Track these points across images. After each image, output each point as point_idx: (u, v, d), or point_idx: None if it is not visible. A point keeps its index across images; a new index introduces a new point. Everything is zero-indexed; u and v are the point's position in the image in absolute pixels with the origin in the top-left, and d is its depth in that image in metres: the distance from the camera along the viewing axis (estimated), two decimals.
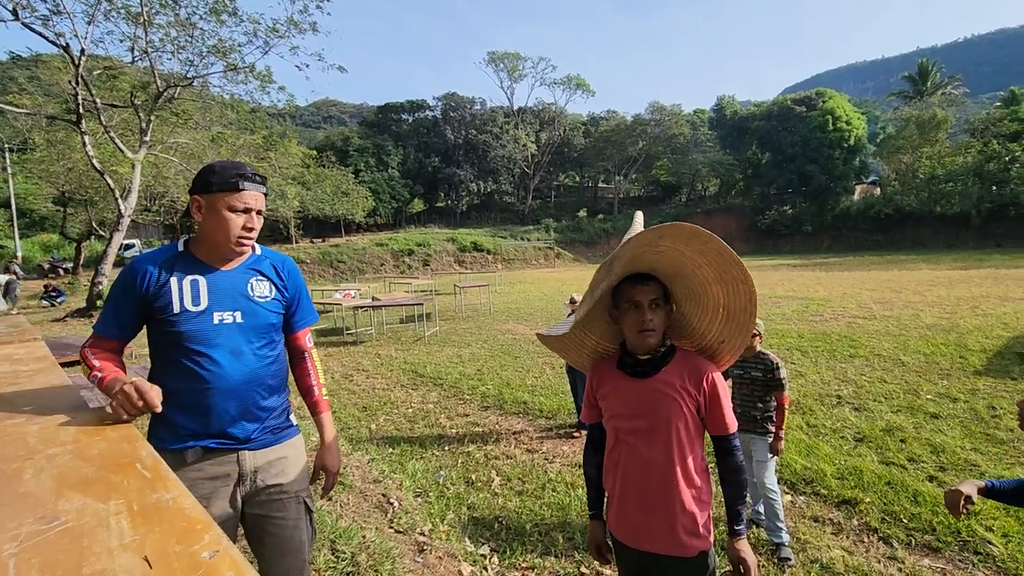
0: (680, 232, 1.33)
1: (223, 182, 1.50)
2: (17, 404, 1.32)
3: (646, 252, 1.43)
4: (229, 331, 1.54)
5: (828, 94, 41.96)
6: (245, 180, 1.51)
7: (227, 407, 1.53)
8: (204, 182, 1.51)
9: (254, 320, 1.58)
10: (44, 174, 20.19)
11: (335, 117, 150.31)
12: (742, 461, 1.52)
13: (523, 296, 17.10)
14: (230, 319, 1.54)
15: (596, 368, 1.69)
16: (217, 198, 1.50)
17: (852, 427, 4.61)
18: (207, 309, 1.52)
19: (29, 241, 30.95)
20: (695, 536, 1.50)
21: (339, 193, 33.13)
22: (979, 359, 6.57)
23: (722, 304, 1.45)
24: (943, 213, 33.43)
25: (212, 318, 1.52)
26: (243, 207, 1.52)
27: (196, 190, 1.53)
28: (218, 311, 1.53)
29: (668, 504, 1.51)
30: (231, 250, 1.56)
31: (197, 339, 1.50)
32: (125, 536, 0.70)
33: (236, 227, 1.52)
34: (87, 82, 12.87)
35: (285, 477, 1.64)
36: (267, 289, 1.63)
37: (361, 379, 7.14)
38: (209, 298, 1.53)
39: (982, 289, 12.99)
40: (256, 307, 1.59)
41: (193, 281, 1.53)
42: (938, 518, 3.10)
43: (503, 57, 50.14)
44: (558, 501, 3.50)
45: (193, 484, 1.48)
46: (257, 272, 1.63)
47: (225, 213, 1.50)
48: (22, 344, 2.24)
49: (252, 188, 1.53)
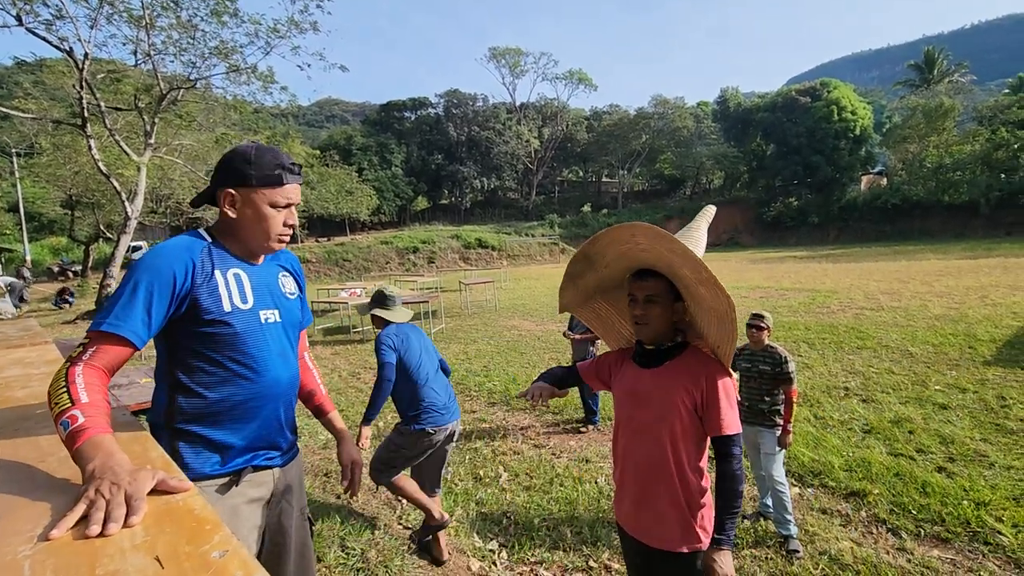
0: (647, 232, 1.36)
1: (265, 176, 1.32)
2: (29, 407, 1.33)
3: (631, 250, 1.48)
4: (275, 330, 1.41)
5: (833, 84, 41.48)
6: (288, 173, 1.35)
7: (276, 415, 1.42)
8: (240, 175, 1.31)
9: (289, 318, 1.47)
10: (51, 178, 20.35)
11: (338, 116, 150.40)
12: (738, 470, 1.46)
13: (528, 292, 17.10)
14: (273, 318, 1.41)
15: (621, 352, 1.77)
16: (257, 193, 1.32)
17: (860, 419, 4.59)
18: (253, 307, 1.36)
19: (38, 245, 31.27)
20: (685, 533, 1.50)
21: (343, 192, 33.18)
22: (988, 349, 6.52)
23: (711, 306, 1.42)
24: (951, 202, 33.03)
25: (259, 317, 1.37)
26: (285, 202, 1.37)
27: (230, 182, 1.32)
28: (262, 309, 1.38)
29: (658, 498, 1.52)
30: (268, 248, 1.41)
31: (247, 341, 1.34)
32: (136, 537, 0.71)
33: (278, 224, 1.37)
34: (91, 86, 12.93)
35: (295, 493, 1.54)
36: (292, 286, 1.53)
37: (368, 377, 7.17)
38: (254, 295, 1.37)
39: (991, 278, 12.87)
40: (289, 304, 1.48)
41: (236, 276, 1.35)
42: (947, 509, 3.09)
43: (504, 53, 49.92)
44: (566, 496, 3.51)
45: (236, 513, 1.33)
46: (282, 268, 1.52)
47: (266, 209, 1.34)
48: (33, 347, 2.26)
49: (294, 181, 1.38)
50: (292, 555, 1.48)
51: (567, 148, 51.92)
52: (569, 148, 51.99)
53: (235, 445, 1.34)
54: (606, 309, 1.80)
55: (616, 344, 1.85)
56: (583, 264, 1.63)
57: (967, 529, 2.91)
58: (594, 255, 1.58)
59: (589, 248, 1.56)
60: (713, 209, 1.74)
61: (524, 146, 48.19)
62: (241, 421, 1.34)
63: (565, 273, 1.68)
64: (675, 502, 1.51)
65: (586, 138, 51.12)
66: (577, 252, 1.60)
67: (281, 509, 1.47)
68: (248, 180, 1.31)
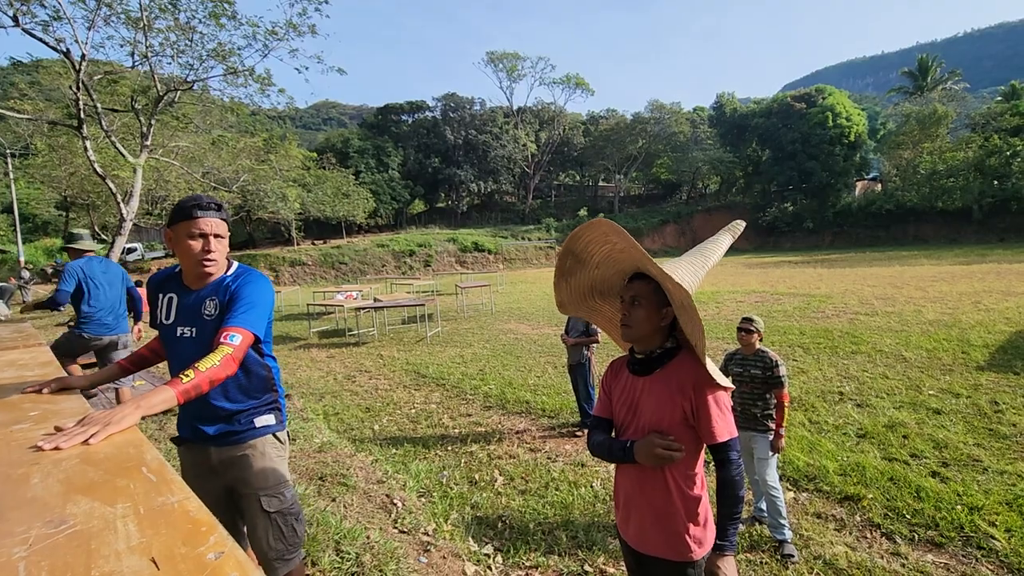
0: (613, 230, 1.42)
1: (181, 213, 1.70)
2: (23, 409, 1.33)
3: (612, 251, 1.53)
4: (188, 343, 1.75)
5: (828, 91, 41.80)
6: (199, 209, 1.69)
7: (186, 407, 1.74)
8: (169, 218, 1.74)
9: (204, 335, 1.73)
10: (46, 179, 20.28)
11: (335, 119, 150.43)
12: (737, 475, 1.46)
13: (525, 296, 17.10)
14: (189, 333, 1.76)
15: (613, 364, 1.74)
16: (178, 228, 1.70)
17: (854, 423, 4.61)
18: (173, 324, 1.78)
19: (32, 246, 31.02)
20: (680, 542, 1.49)
21: (340, 195, 33.15)
22: (982, 354, 6.56)
23: (677, 301, 1.44)
24: (944, 208, 33.30)
25: (176, 331, 1.77)
26: (199, 232, 1.70)
27: (167, 225, 1.76)
28: (180, 326, 1.77)
29: (653, 507, 1.52)
30: (198, 273, 1.75)
31: (168, 348, 1.83)
32: (132, 539, 0.71)
33: (195, 251, 1.70)
34: (88, 87, 12.89)
35: (245, 474, 1.81)
36: (213, 308, 1.77)
37: (364, 380, 7.15)
38: (176, 314, 1.78)
39: (984, 284, 12.96)
40: (205, 324, 1.74)
41: (169, 299, 1.81)
42: (941, 513, 3.10)
43: (502, 57, 50.05)
44: (561, 500, 3.51)
45: (183, 469, 1.89)
46: (213, 294, 1.77)
47: (185, 241, 1.70)
48: (27, 349, 2.25)
49: (206, 215, 1.70)
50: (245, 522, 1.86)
51: (564, 152, 52.05)
52: (566, 152, 52.12)
53: (182, 420, 1.85)
54: (612, 312, 1.81)
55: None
56: (571, 260, 1.65)
57: (961, 534, 2.92)
58: (579, 252, 1.61)
59: (572, 244, 1.59)
60: (742, 224, 1.71)
61: (521, 150, 48.26)
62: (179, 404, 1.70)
63: (555, 269, 1.70)
64: (670, 511, 1.50)
65: (583, 142, 51.26)
66: (562, 248, 1.63)
67: (232, 481, 1.82)
68: (172, 220, 1.72)
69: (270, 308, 1.81)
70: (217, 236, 1.73)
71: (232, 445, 1.80)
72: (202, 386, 1.46)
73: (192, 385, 1.43)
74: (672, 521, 1.50)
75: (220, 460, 1.80)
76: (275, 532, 1.80)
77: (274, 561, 1.80)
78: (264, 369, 1.86)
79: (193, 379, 1.44)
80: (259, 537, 1.80)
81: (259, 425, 1.83)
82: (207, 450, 1.79)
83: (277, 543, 1.80)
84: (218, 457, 1.80)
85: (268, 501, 1.80)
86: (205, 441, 1.79)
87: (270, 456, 1.84)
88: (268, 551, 1.80)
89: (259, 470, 1.81)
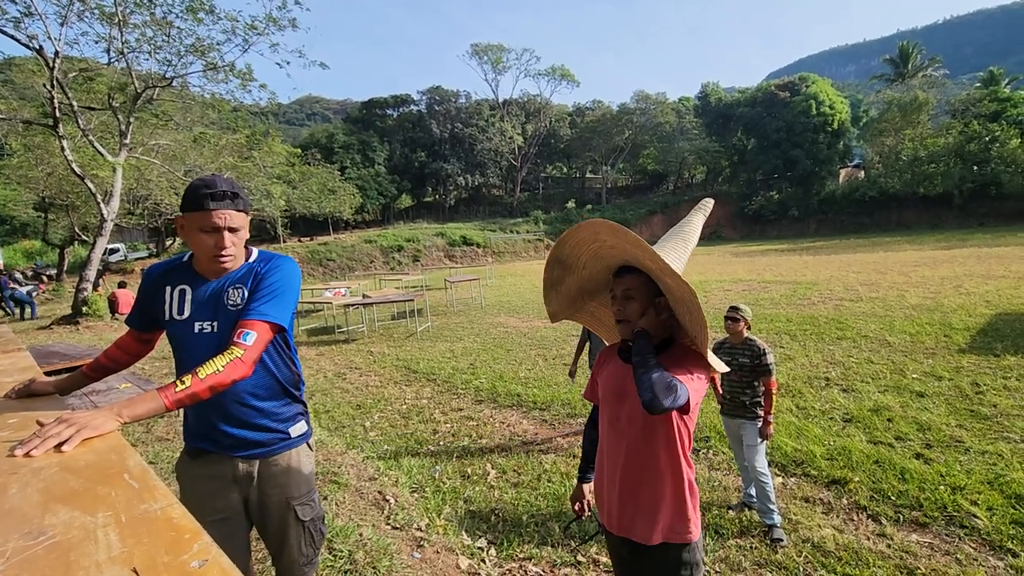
0: (608, 228, 1.39)
1: (191, 202, 1.49)
2: (1, 416, 1.30)
3: (601, 248, 1.51)
4: (208, 339, 1.55)
5: (811, 79, 42.10)
6: (211, 200, 1.47)
7: (206, 414, 1.60)
8: (182, 202, 1.52)
9: (227, 330, 1.52)
10: (23, 180, 19.77)
11: (319, 114, 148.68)
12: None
13: (514, 289, 17.10)
14: (209, 329, 1.56)
15: (603, 352, 1.75)
16: (189, 218, 1.50)
17: (841, 408, 4.68)
18: (189, 319, 1.57)
19: (11, 248, 30.38)
20: (672, 526, 1.51)
21: (326, 191, 32.75)
22: (963, 337, 6.68)
23: (679, 296, 1.41)
24: (926, 194, 33.81)
25: (193, 327, 1.57)
26: (212, 227, 1.49)
27: (180, 209, 1.54)
28: (198, 321, 1.57)
29: (643, 493, 1.53)
30: (211, 267, 1.57)
31: (181, 346, 1.60)
32: (113, 548, 0.70)
33: (207, 247, 1.52)
34: (63, 85, 12.58)
35: (274, 484, 1.69)
36: (239, 296, 1.57)
37: (354, 377, 7.12)
38: (192, 308, 1.57)
39: (965, 268, 13.20)
40: (229, 315, 1.55)
41: (181, 291, 1.59)
42: (925, 494, 3.17)
43: (487, 49, 49.72)
44: (553, 491, 3.53)
45: (195, 480, 1.67)
46: (238, 281, 1.59)
47: (196, 234, 1.51)
48: (6, 354, 2.20)
49: (219, 207, 1.48)
50: (271, 532, 1.73)
51: (551, 144, 51.97)
52: (553, 144, 52.05)
53: (192, 428, 1.66)
54: (601, 311, 1.80)
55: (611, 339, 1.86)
56: (559, 269, 1.64)
57: (944, 513, 2.99)
58: (566, 258, 1.59)
59: (558, 251, 1.57)
60: (711, 203, 1.71)
61: (508, 143, 48.10)
62: (189, 409, 1.61)
63: (543, 281, 1.68)
64: (660, 496, 1.51)
65: (569, 134, 51.22)
66: (548, 257, 1.61)
67: (261, 493, 1.68)
68: (183, 206, 1.52)
69: (296, 296, 1.63)
70: (232, 230, 1.53)
71: (266, 457, 1.67)
72: (201, 395, 1.32)
73: (187, 394, 1.29)
74: (668, 505, 1.51)
75: (247, 472, 1.66)
76: (307, 539, 1.75)
77: (304, 566, 1.76)
78: (290, 365, 1.73)
79: (189, 387, 1.29)
80: (291, 546, 1.72)
81: (294, 435, 1.73)
82: (232, 461, 1.64)
83: (308, 549, 1.75)
84: (247, 469, 1.65)
85: (303, 510, 1.73)
86: (229, 449, 1.63)
87: (305, 464, 1.76)
88: (299, 557, 1.74)
89: (295, 481, 1.72)
